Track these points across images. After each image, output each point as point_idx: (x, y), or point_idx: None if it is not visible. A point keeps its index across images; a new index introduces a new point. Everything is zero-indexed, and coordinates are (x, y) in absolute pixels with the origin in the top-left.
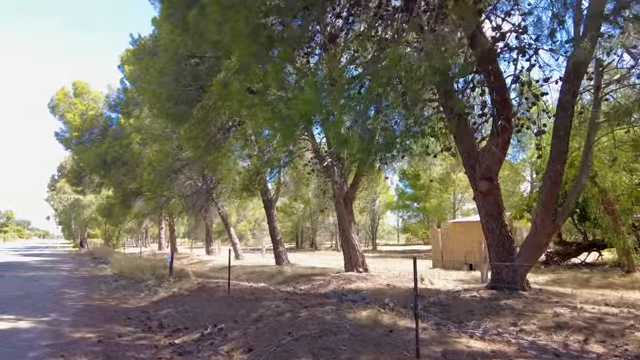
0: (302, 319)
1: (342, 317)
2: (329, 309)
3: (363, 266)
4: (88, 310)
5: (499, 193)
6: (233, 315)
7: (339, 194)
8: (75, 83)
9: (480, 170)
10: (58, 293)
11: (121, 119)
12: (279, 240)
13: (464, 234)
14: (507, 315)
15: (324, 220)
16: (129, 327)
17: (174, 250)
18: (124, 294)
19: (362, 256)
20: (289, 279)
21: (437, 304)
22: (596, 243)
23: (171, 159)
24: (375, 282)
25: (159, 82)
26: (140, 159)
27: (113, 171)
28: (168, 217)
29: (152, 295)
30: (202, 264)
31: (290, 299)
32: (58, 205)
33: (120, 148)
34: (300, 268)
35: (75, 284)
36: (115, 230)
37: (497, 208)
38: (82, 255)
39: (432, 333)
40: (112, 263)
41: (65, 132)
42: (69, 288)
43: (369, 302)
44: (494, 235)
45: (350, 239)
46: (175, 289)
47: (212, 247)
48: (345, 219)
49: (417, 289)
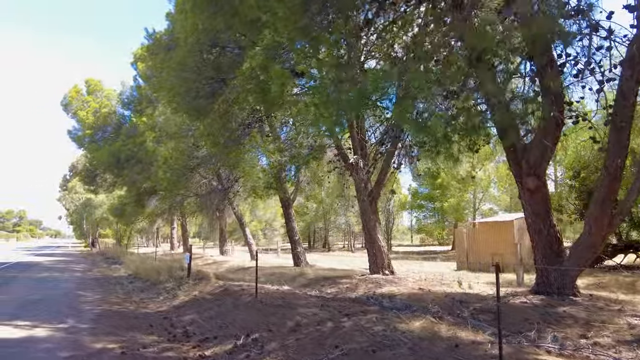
0: (346, 329)
1: (393, 328)
2: (374, 317)
3: (389, 268)
4: (106, 315)
5: (547, 190)
6: (265, 323)
7: (364, 193)
8: (88, 80)
9: (527, 166)
10: (73, 296)
11: (134, 116)
12: (297, 241)
13: (490, 235)
14: (572, 326)
15: (336, 220)
16: (153, 336)
17: (190, 251)
18: (142, 297)
19: (388, 258)
20: (312, 281)
21: (486, 311)
22: (632, 244)
23: (187, 156)
24: (406, 285)
25: (179, 75)
26: (155, 157)
27: (127, 170)
28: (181, 217)
29: (171, 298)
30: (218, 265)
31: (326, 305)
32: (70, 205)
33: (134, 146)
34: (321, 270)
35: (90, 285)
36: (127, 230)
37: (545, 207)
38: (94, 255)
39: (507, 349)
40: (126, 263)
41: (78, 130)
42: (84, 290)
43: (415, 310)
44: (541, 236)
45: (376, 240)
46: (195, 292)
47: (226, 247)
48: (371, 219)
49: (499, 297)
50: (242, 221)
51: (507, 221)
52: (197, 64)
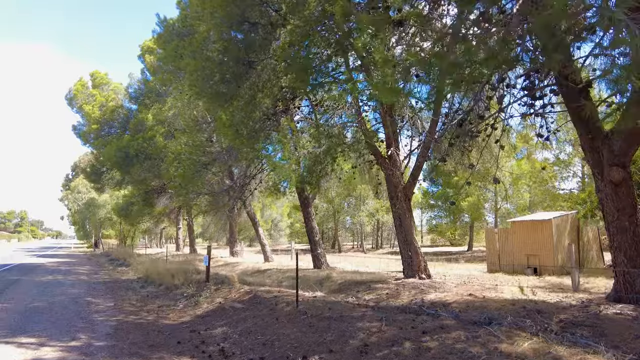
0: (434, 352)
1: (495, 350)
2: (462, 335)
3: (425, 272)
4: (124, 329)
5: (632, 183)
6: (322, 342)
7: (398, 188)
8: (93, 74)
9: (610, 155)
10: (83, 303)
11: (143, 110)
12: (317, 242)
13: (525, 235)
14: None
15: (345, 220)
16: (184, 358)
17: (209, 253)
18: (159, 304)
19: (424, 261)
20: (343, 286)
21: (578, 324)
22: None
23: (202, 152)
24: (451, 291)
25: (201, 57)
26: (165, 153)
27: (136, 166)
28: (187, 217)
29: (193, 306)
30: (231, 267)
31: (390, 319)
32: (72, 205)
33: (143, 141)
34: (346, 272)
35: (99, 291)
36: (131, 231)
37: (631, 201)
38: (98, 256)
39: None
40: (134, 266)
41: (83, 125)
42: (94, 296)
43: (500, 323)
44: (625, 235)
45: (412, 241)
46: (219, 299)
47: (236, 248)
48: (406, 217)
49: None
50: (255, 220)
51: (545, 220)
52: (224, 42)
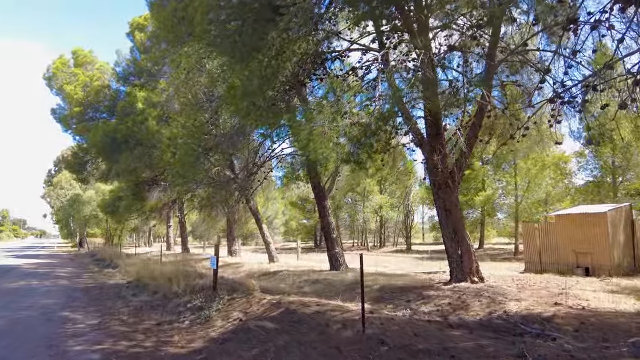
0: None
1: None
2: None
3: (478, 274)
4: None
5: None
6: None
7: (444, 175)
8: (76, 51)
9: None
10: (57, 321)
11: (133, 91)
12: (335, 239)
13: (573, 230)
14: None
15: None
16: None
17: (217, 253)
18: (157, 320)
19: (476, 261)
20: (383, 293)
21: None
22: None
23: (204, 132)
24: (528, 300)
25: None
26: (159, 138)
27: (125, 153)
28: (179, 214)
29: (203, 324)
30: (233, 268)
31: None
32: (55, 202)
33: (133, 125)
34: (375, 276)
35: (81, 301)
36: (118, 229)
37: None
38: (83, 256)
39: None
40: (122, 267)
41: (64, 108)
42: (73, 310)
43: None
44: None
45: (464, 238)
46: (238, 314)
47: (235, 247)
48: (454, 209)
49: None
50: (258, 216)
51: (599, 213)
52: None
